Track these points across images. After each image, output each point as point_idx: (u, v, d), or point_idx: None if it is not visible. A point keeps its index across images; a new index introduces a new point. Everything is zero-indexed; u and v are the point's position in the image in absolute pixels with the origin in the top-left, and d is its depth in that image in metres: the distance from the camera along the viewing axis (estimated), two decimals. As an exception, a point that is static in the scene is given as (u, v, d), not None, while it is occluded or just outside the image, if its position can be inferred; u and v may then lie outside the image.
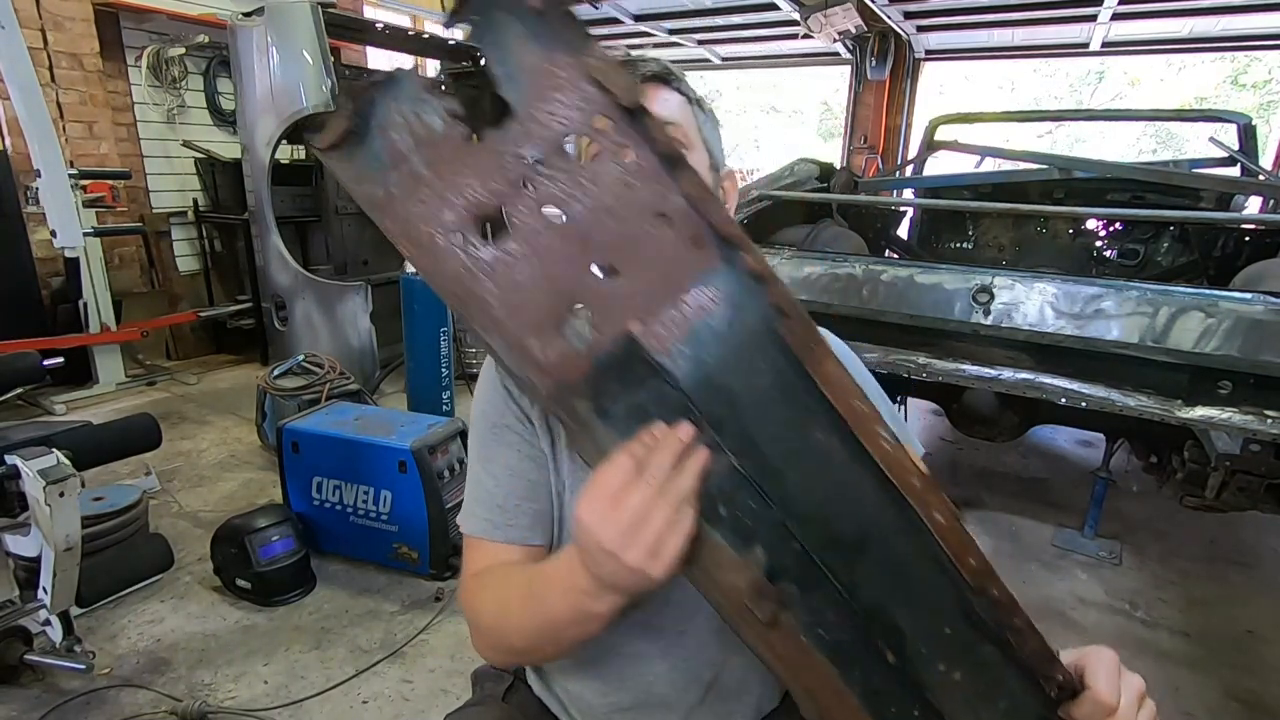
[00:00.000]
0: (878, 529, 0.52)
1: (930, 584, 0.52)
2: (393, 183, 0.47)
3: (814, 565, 0.52)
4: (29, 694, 1.74)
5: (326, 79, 3.68)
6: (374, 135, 0.48)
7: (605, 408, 0.50)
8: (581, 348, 0.48)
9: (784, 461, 0.51)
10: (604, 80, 0.46)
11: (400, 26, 5.15)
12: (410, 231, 0.47)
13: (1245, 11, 4.94)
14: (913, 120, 6.94)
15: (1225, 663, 2.06)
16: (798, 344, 0.49)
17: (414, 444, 2.19)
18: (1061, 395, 1.97)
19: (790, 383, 0.50)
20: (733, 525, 0.51)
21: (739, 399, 0.50)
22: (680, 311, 0.48)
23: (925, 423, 3.75)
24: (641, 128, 0.47)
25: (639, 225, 0.48)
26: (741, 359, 0.49)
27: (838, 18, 5.33)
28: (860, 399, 0.50)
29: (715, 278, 0.49)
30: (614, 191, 0.48)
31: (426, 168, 0.47)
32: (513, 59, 0.48)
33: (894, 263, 2.44)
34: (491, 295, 0.47)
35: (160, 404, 3.88)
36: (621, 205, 0.48)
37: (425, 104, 0.48)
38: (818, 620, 0.52)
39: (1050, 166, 3.33)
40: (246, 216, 4.07)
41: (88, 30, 4.06)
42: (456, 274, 0.47)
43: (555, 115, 0.47)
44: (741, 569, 0.51)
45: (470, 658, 1.93)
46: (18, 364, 1.82)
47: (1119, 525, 2.81)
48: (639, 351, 0.48)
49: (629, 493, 0.49)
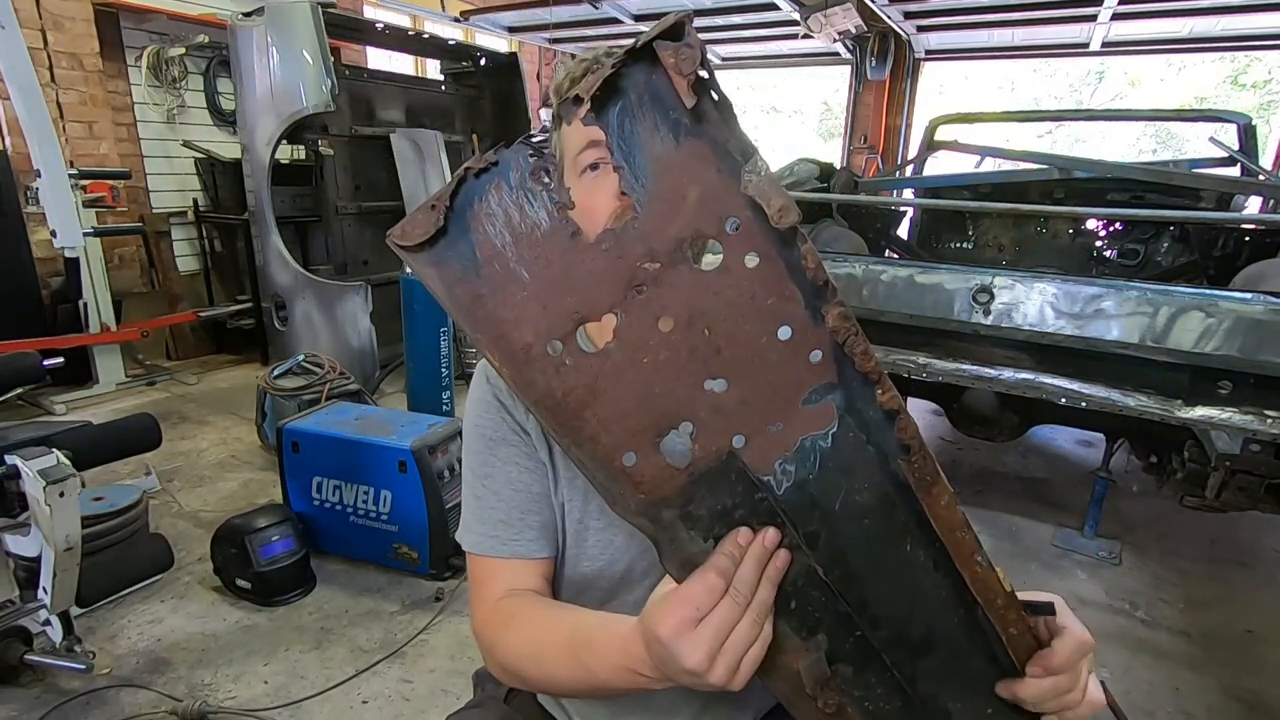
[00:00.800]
0: (953, 636, 0.54)
1: (986, 679, 0.56)
2: (484, 283, 0.43)
3: (879, 657, 0.54)
4: (29, 694, 1.74)
5: (326, 79, 3.68)
6: (468, 229, 0.43)
7: (692, 514, 0.48)
8: (680, 464, 0.46)
9: (868, 570, 0.51)
10: (761, 199, 0.42)
11: (400, 26, 5.15)
12: (502, 338, 0.43)
13: (1245, 11, 4.93)
14: (913, 120, 6.94)
15: (1225, 663, 2.06)
16: (917, 481, 0.48)
17: (414, 444, 2.19)
18: (1061, 395, 1.97)
19: (896, 510, 0.49)
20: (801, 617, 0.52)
21: (835, 516, 0.49)
22: (793, 431, 0.46)
23: (925, 422, 3.75)
24: (792, 253, 0.43)
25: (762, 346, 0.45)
26: (848, 483, 0.48)
27: (838, 18, 5.32)
28: (965, 529, 0.50)
29: (838, 402, 0.46)
30: (739, 309, 0.44)
31: (526, 267, 0.42)
32: (642, 151, 0.42)
33: (894, 263, 2.44)
34: (589, 409, 0.44)
35: (160, 404, 3.88)
36: (746, 324, 0.44)
37: (530, 194, 0.42)
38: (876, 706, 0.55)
39: (1050, 166, 3.32)
40: (246, 216, 4.06)
41: (88, 30, 4.06)
42: (549, 386, 0.44)
43: (686, 221, 0.42)
44: (804, 655, 0.53)
45: (470, 658, 1.93)
46: (18, 364, 1.82)
47: (1119, 525, 2.81)
48: (739, 466, 0.46)
49: (715, 612, 0.48)
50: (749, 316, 0.44)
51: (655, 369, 0.44)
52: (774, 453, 0.46)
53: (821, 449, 0.46)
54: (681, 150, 0.42)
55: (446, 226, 0.42)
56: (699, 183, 0.42)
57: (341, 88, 3.87)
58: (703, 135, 0.41)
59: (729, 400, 0.45)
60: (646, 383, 0.44)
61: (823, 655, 0.53)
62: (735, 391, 0.45)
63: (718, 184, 0.42)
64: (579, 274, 0.42)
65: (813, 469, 0.47)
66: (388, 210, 4.61)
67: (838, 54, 6.69)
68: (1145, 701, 1.91)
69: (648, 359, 0.44)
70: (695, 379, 0.44)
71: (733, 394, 0.45)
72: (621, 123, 0.42)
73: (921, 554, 0.51)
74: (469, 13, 6.19)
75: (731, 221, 0.42)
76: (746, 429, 0.46)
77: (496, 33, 6.70)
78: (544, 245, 0.42)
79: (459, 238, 0.43)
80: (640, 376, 0.44)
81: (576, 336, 0.44)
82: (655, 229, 0.42)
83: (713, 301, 0.43)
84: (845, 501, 0.48)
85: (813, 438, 0.46)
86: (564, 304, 0.43)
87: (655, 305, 0.43)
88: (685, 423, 0.45)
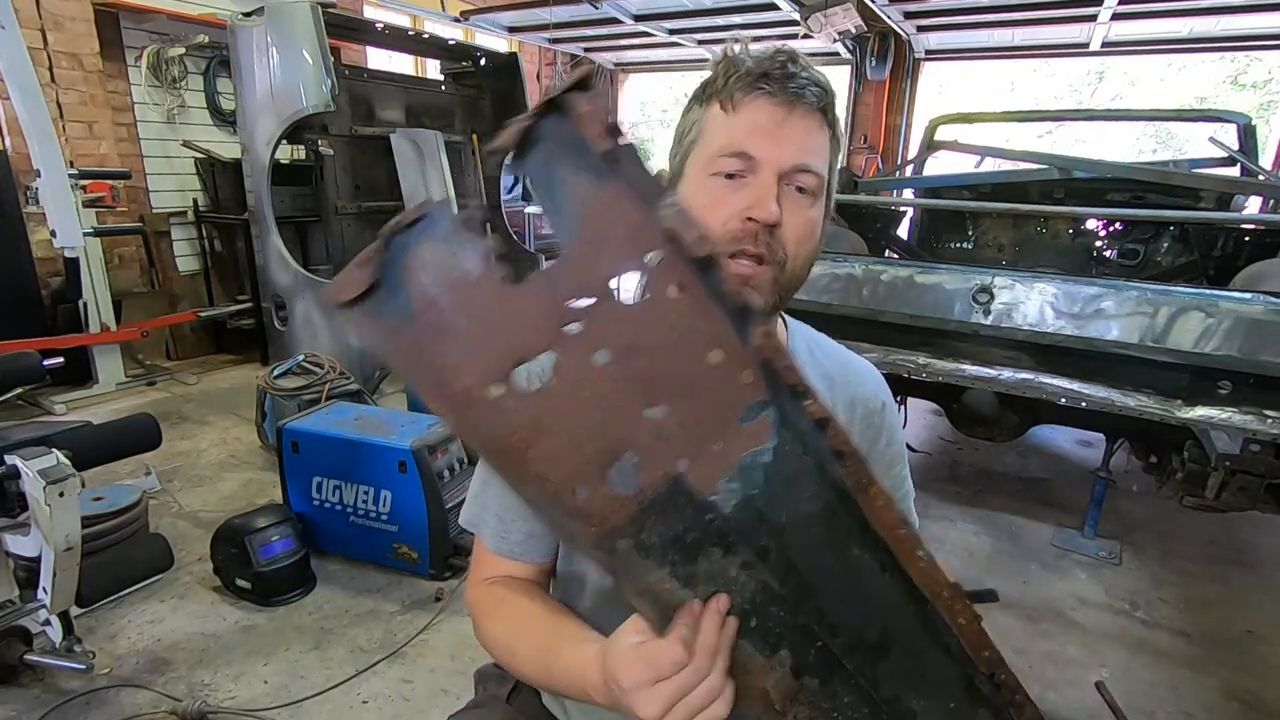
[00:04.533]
0: (907, 634, 0.56)
1: (946, 673, 0.58)
2: (421, 333, 0.43)
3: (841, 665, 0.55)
4: (29, 694, 1.74)
5: (326, 79, 3.68)
6: (401, 282, 0.43)
7: (645, 542, 0.49)
8: (629, 492, 0.47)
9: (819, 578, 0.53)
10: (677, 231, 0.44)
11: (400, 26, 5.15)
12: (443, 385, 0.43)
13: (1245, 11, 4.93)
14: (913, 120, 6.94)
15: (1225, 663, 2.06)
16: (854, 485, 0.50)
17: (414, 444, 2.19)
18: (1061, 395, 1.97)
19: (839, 516, 0.51)
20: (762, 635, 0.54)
21: (783, 528, 0.51)
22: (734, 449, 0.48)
23: (925, 422, 3.75)
24: (712, 280, 0.45)
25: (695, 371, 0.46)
26: (791, 494, 0.50)
27: (838, 18, 5.32)
28: (904, 525, 0.52)
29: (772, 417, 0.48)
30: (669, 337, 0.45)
31: (460, 315, 0.43)
32: (565, 194, 0.44)
33: (894, 263, 2.44)
34: (534, 448, 0.45)
35: (160, 404, 3.88)
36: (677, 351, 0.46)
37: (460, 243, 0.43)
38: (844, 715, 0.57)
39: (1050, 166, 3.33)
40: (246, 216, 4.06)
41: (88, 30, 4.06)
42: (493, 428, 0.44)
43: (611, 258, 0.44)
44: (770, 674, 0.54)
45: (470, 658, 1.93)
46: (18, 364, 1.82)
47: (1119, 525, 2.81)
48: (686, 489, 0.48)
49: (675, 679, 0.52)
50: (679, 343, 0.45)
51: (595, 402, 0.45)
52: (718, 472, 0.48)
53: (762, 463, 0.48)
54: (600, 192, 0.44)
55: (381, 281, 0.43)
56: (619, 221, 0.44)
57: (341, 88, 3.87)
58: (618, 177, 0.43)
59: (669, 425, 0.46)
60: (588, 416, 0.45)
61: (788, 670, 0.54)
62: (674, 417, 0.46)
63: (636, 220, 0.44)
64: (513, 317, 0.43)
65: (756, 484, 0.48)
66: (388, 210, 4.60)
67: (838, 54, 6.69)
68: (1145, 701, 1.91)
69: (587, 393, 0.44)
70: (635, 408, 0.45)
71: (672, 419, 0.46)
72: (542, 170, 0.44)
73: (868, 556, 0.53)
74: (469, 13, 6.19)
75: (653, 255, 0.44)
76: (689, 452, 0.47)
77: (496, 33, 6.70)
78: (476, 292, 0.43)
79: (393, 291, 0.43)
80: (581, 410, 0.45)
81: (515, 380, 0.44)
82: (583, 268, 0.44)
83: (644, 332, 0.45)
84: (791, 512, 0.50)
85: (753, 454, 0.48)
86: (500, 347, 0.43)
87: (589, 341, 0.44)
88: (629, 452, 0.46)
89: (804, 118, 0.69)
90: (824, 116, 0.70)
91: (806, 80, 0.68)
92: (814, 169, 0.69)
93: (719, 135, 0.70)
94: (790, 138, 0.68)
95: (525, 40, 7.08)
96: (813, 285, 2.27)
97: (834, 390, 0.84)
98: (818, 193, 0.71)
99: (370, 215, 4.64)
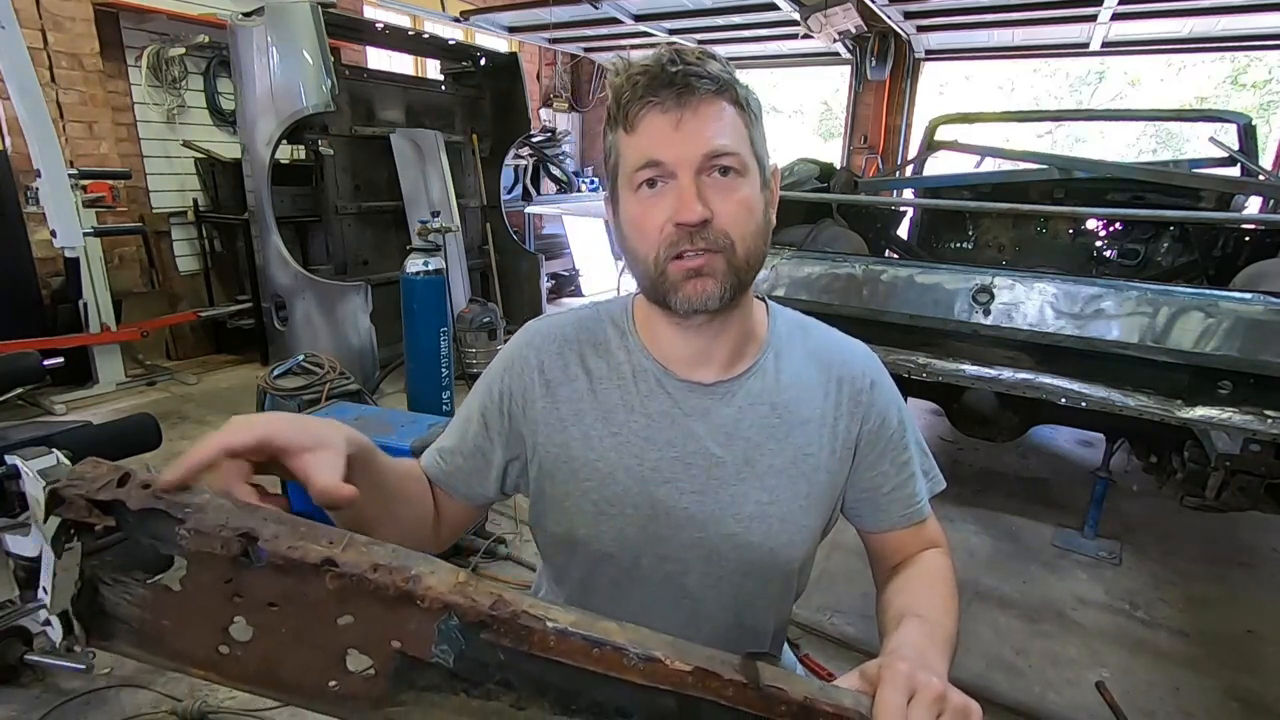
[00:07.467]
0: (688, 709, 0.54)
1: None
2: (148, 635, 0.55)
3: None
4: (29, 694, 1.74)
5: (326, 79, 3.68)
6: (112, 613, 0.55)
7: (405, 700, 0.54)
8: (371, 673, 0.53)
9: (575, 681, 0.53)
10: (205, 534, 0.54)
11: (400, 26, 5.15)
12: (182, 656, 0.54)
13: (1245, 11, 4.93)
14: (913, 120, 6.93)
15: (1225, 663, 2.06)
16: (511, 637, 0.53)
17: (414, 444, 2.19)
18: (1061, 395, 1.97)
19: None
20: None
21: (505, 663, 0.53)
22: (426, 622, 0.52)
23: (925, 423, 3.75)
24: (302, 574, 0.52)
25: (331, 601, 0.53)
26: (478, 643, 0.53)
27: (838, 18, 5.32)
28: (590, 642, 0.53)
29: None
30: (295, 585, 0.53)
31: (163, 618, 0.55)
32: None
33: (894, 263, 2.44)
34: (277, 673, 0.53)
35: (160, 404, 3.88)
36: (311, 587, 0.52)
37: (122, 584, 0.56)
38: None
39: (1050, 166, 3.32)
40: (246, 216, 4.06)
41: (88, 30, 4.06)
42: (241, 673, 0.53)
43: (225, 553, 0.53)
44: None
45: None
46: (18, 364, 1.82)
47: (1119, 525, 2.81)
48: (413, 660, 0.53)
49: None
50: (302, 583, 0.52)
51: (296, 629, 0.53)
52: (426, 643, 0.52)
53: (454, 625, 0.52)
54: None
55: (103, 612, 0.55)
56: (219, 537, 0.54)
57: (341, 88, 3.87)
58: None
59: (361, 626, 0.52)
60: (299, 639, 0.53)
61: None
62: (360, 619, 0.52)
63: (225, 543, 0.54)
64: (194, 609, 0.54)
65: (460, 643, 0.52)
66: (388, 210, 4.61)
67: (838, 54, 6.69)
68: (1145, 701, 1.91)
69: (284, 627, 0.53)
70: (328, 621, 0.52)
71: (361, 622, 0.52)
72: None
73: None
74: (469, 13, 6.19)
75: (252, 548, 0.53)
76: (393, 634, 0.52)
77: (496, 33, 6.70)
78: (159, 602, 0.55)
79: (114, 619, 0.56)
80: (291, 637, 0.53)
81: (229, 640, 0.53)
82: (217, 563, 0.53)
83: (276, 584, 0.52)
84: (503, 649, 0.52)
85: (442, 620, 0.52)
86: (203, 628, 0.53)
87: (257, 598, 0.53)
88: (349, 650, 0.53)
89: (702, 108, 0.70)
90: (726, 96, 0.71)
91: (692, 73, 0.69)
92: (727, 149, 0.70)
93: (630, 155, 0.73)
94: (692, 131, 0.70)
95: (525, 40, 7.08)
96: (813, 285, 2.27)
97: (822, 369, 0.85)
98: (743, 169, 0.72)
99: (370, 215, 4.64)
